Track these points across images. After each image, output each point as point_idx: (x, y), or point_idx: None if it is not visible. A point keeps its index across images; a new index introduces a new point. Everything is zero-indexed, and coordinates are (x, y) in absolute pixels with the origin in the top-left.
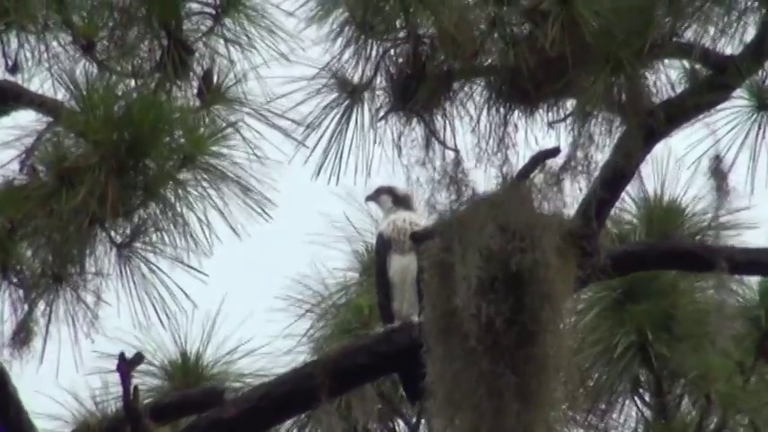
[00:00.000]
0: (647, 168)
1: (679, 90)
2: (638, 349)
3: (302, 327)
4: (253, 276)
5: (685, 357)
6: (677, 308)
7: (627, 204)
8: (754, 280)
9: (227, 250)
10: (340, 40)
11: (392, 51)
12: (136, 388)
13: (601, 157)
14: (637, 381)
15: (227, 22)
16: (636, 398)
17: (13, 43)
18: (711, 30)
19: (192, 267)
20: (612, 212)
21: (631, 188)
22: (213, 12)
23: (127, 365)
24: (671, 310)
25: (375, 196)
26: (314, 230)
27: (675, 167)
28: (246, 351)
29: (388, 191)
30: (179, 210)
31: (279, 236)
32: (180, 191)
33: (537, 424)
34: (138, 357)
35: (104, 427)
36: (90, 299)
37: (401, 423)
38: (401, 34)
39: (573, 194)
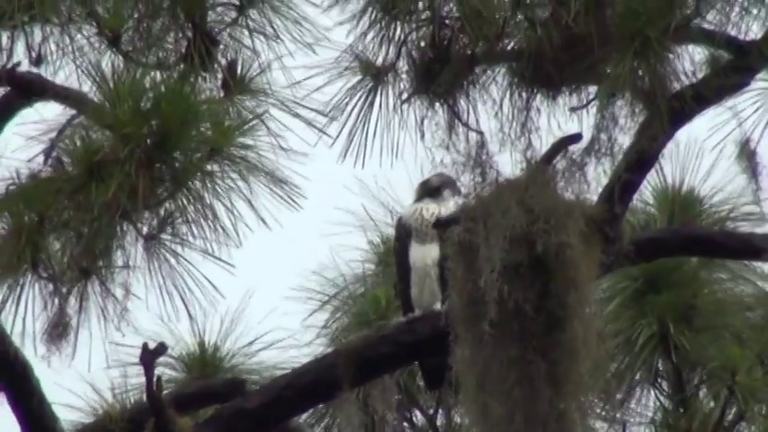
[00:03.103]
0: (665, 156)
1: (701, 74)
2: (660, 340)
3: (320, 319)
4: (269, 268)
5: (705, 348)
6: (698, 298)
7: (645, 195)
8: None
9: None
10: (363, 21)
11: (415, 34)
12: (159, 378)
13: (624, 140)
14: (656, 371)
15: (252, 12)
16: (654, 388)
17: (38, 36)
18: (734, 12)
19: (220, 259)
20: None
21: (650, 176)
22: (238, 2)
23: (151, 355)
24: (692, 301)
25: (442, 186)
26: (330, 221)
27: (695, 155)
28: (264, 343)
29: (452, 183)
30: (207, 201)
31: (295, 227)
32: (208, 182)
33: (570, 409)
34: (162, 348)
35: (126, 418)
36: (119, 292)
37: (418, 413)
38: (424, 16)
39: (596, 179)
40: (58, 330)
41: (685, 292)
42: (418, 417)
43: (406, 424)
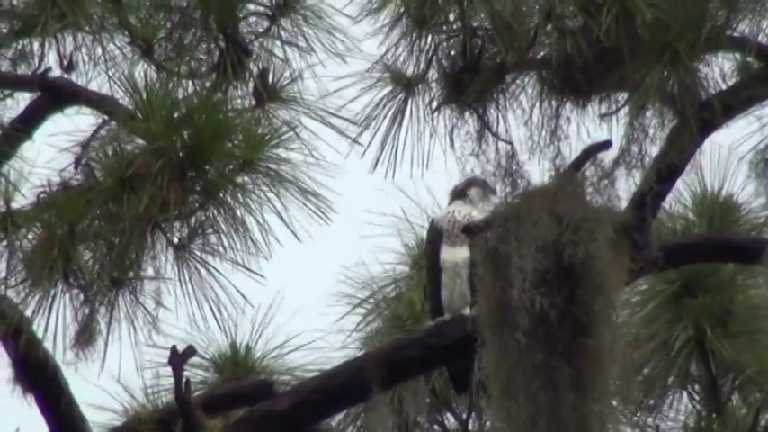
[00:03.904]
0: (704, 163)
1: (729, 82)
2: (696, 344)
3: (353, 321)
4: (303, 270)
5: (740, 353)
6: (734, 302)
7: (684, 200)
8: None
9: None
10: (394, 32)
11: (445, 44)
12: (188, 380)
13: (653, 149)
14: (689, 375)
15: (284, 22)
16: (687, 392)
17: (69, 44)
18: (765, 23)
19: (250, 270)
20: (669, 207)
21: (689, 183)
22: (270, 13)
23: (179, 358)
24: (728, 305)
25: (466, 187)
26: (364, 223)
27: (734, 163)
28: (296, 345)
29: (482, 184)
30: (238, 214)
31: (328, 229)
32: (239, 194)
33: (592, 416)
34: (191, 350)
35: (156, 419)
36: (149, 302)
37: (450, 417)
38: (455, 27)
39: (625, 187)
40: (85, 336)
41: (722, 297)
42: (450, 420)
43: (437, 427)
